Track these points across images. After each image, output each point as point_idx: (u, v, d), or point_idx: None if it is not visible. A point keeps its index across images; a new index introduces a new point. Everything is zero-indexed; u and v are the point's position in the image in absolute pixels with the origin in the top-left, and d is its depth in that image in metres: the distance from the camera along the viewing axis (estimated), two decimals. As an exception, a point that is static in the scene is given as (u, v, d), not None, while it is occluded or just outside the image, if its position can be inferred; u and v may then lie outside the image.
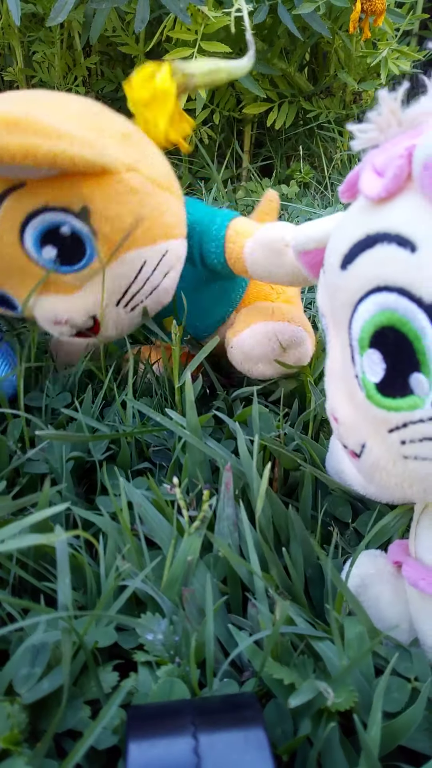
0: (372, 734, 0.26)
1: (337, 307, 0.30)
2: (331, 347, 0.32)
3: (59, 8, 0.81)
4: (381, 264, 0.26)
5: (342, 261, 0.29)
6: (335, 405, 0.31)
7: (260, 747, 0.24)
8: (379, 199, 0.27)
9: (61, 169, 0.38)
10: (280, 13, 1.04)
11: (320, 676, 0.29)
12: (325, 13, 1.07)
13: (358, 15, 1.03)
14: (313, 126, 1.40)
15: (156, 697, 0.28)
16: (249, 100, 1.31)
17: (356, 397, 0.29)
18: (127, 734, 0.24)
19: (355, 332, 0.28)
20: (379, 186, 0.27)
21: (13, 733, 0.25)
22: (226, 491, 0.38)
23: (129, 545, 0.35)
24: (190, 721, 0.25)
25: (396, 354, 0.26)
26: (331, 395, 0.31)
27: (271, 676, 0.28)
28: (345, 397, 0.30)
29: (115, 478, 0.43)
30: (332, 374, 0.31)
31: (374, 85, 1.28)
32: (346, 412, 0.30)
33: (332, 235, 0.31)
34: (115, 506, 0.35)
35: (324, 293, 0.32)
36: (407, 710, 0.28)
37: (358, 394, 0.29)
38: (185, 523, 0.36)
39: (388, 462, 0.28)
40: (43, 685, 0.27)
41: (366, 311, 0.27)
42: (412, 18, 1.21)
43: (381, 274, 0.26)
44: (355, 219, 0.29)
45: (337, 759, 0.27)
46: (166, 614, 0.32)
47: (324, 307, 0.32)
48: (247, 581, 0.34)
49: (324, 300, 0.32)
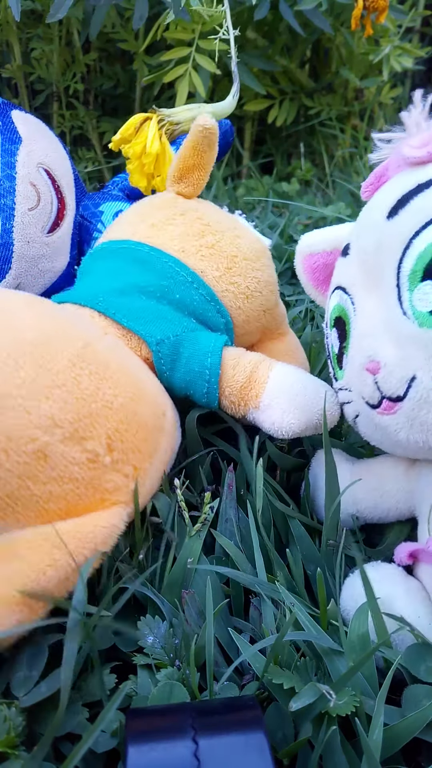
0: (374, 738, 0.26)
1: (379, 257, 0.33)
2: (361, 310, 0.34)
3: (59, 5, 0.81)
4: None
5: (389, 212, 0.32)
6: (376, 350, 0.32)
7: (261, 750, 0.24)
8: (429, 158, 0.32)
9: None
10: (281, 9, 1.03)
11: (322, 679, 0.29)
12: (327, 9, 1.06)
13: (360, 12, 1.02)
14: (315, 123, 1.39)
15: (155, 700, 0.28)
16: (250, 97, 1.30)
17: (403, 334, 0.31)
18: (126, 737, 0.24)
19: (406, 269, 0.31)
20: (425, 150, 0.32)
21: (10, 736, 0.25)
22: (228, 492, 0.38)
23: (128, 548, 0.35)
24: (189, 724, 0.25)
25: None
26: (367, 348, 0.33)
27: (271, 681, 0.28)
28: (388, 341, 0.32)
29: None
30: (366, 331, 0.33)
31: (376, 82, 1.27)
32: (390, 352, 0.32)
33: (365, 209, 0.36)
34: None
35: (352, 263, 0.36)
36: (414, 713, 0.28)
37: (406, 329, 0.31)
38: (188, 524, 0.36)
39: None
40: (41, 689, 0.27)
41: (423, 241, 0.30)
42: (415, 15, 1.21)
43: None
44: (397, 182, 0.34)
45: (338, 762, 0.27)
46: (166, 617, 0.32)
47: (350, 279, 0.36)
48: (248, 583, 0.34)
49: (351, 272, 0.36)
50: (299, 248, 0.44)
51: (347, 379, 0.36)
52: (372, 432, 0.36)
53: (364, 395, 0.33)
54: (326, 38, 1.28)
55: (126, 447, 0.33)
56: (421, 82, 1.64)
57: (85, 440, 0.31)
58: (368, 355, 0.32)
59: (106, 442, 0.32)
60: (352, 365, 0.34)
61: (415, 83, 1.62)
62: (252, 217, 1.09)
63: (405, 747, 0.28)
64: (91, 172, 1.15)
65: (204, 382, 0.39)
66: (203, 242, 0.42)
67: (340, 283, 0.37)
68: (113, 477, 0.32)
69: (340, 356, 0.37)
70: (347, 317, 0.36)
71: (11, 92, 1.15)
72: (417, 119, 0.33)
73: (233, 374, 0.39)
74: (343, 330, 0.36)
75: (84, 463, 0.31)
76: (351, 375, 0.35)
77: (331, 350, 0.38)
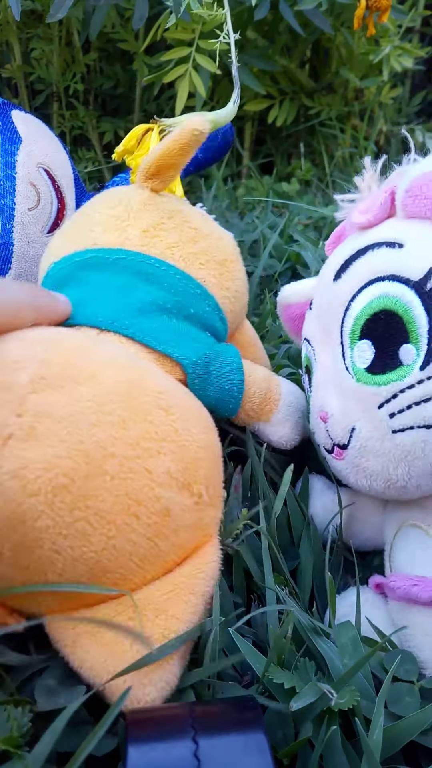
0: (374, 737, 0.26)
1: (329, 315, 0.36)
2: (318, 362, 0.38)
3: (59, 5, 0.81)
4: (373, 262, 0.33)
5: (335, 274, 0.36)
6: (325, 402, 0.35)
7: (261, 751, 0.24)
8: (369, 225, 0.35)
9: None
10: (281, 9, 1.03)
11: (321, 679, 0.29)
12: (327, 9, 1.06)
13: (362, 11, 1.02)
14: (315, 123, 1.39)
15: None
16: (249, 97, 1.30)
17: (345, 387, 0.34)
18: (126, 738, 0.24)
19: (347, 328, 0.34)
20: (370, 215, 0.35)
21: (13, 735, 0.25)
22: (234, 493, 0.38)
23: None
24: (189, 724, 0.25)
25: (385, 335, 0.32)
26: (320, 398, 0.36)
27: (272, 680, 0.28)
28: (334, 393, 0.35)
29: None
30: (320, 382, 0.37)
31: (376, 82, 1.27)
32: (335, 404, 0.34)
33: (323, 267, 0.39)
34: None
35: (313, 318, 0.39)
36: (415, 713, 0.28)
37: (346, 383, 0.34)
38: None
39: (377, 441, 0.32)
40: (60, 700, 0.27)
41: (359, 304, 0.33)
42: (415, 15, 1.21)
43: (373, 270, 0.33)
44: (345, 246, 0.37)
45: (339, 762, 0.27)
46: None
47: (312, 332, 0.39)
48: (258, 578, 0.34)
49: (312, 326, 0.39)
50: (279, 298, 0.49)
51: (312, 424, 0.39)
52: (334, 472, 0.38)
53: (319, 441, 0.37)
54: (326, 38, 1.28)
55: (215, 480, 0.33)
56: (420, 82, 1.64)
57: (191, 485, 0.31)
58: (320, 405, 0.36)
59: (204, 482, 0.32)
60: (312, 413, 0.38)
61: (415, 83, 1.62)
62: (252, 217, 1.09)
63: (405, 747, 0.28)
64: (91, 172, 1.15)
65: (232, 398, 0.40)
66: (197, 249, 0.41)
67: (306, 335, 0.40)
68: (210, 512, 0.33)
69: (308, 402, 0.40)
70: (312, 367, 0.39)
71: (11, 92, 1.15)
72: (368, 183, 0.37)
73: (253, 391, 0.41)
74: (309, 377, 0.40)
75: (192, 507, 0.31)
76: (312, 422, 0.38)
77: (307, 395, 0.41)
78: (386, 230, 0.34)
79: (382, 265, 0.32)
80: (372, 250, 0.34)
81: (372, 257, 0.33)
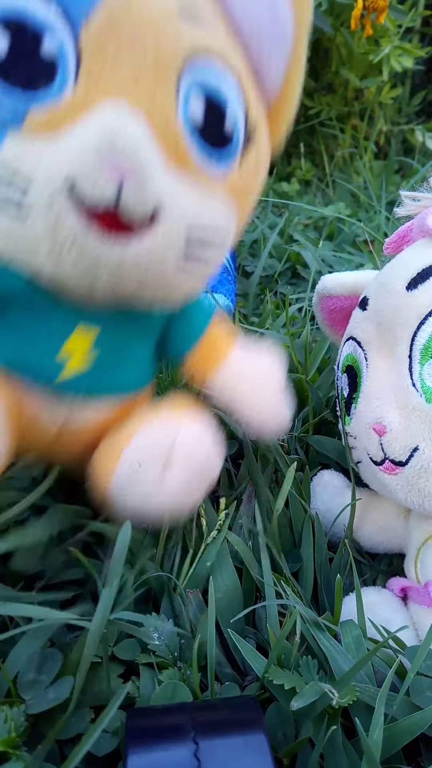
0: (374, 737, 0.26)
1: (395, 325, 0.34)
2: (372, 369, 0.35)
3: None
4: None
5: (409, 283, 0.33)
6: (384, 414, 0.33)
7: (261, 751, 0.24)
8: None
9: None
10: (281, 10, 1.03)
11: (323, 678, 0.29)
12: (327, 9, 1.06)
13: (360, 12, 1.03)
14: (315, 123, 1.39)
15: (158, 700, 0.28)
16: (250, 97, 1.30)
17: (410, 405, 0.32)
18: (126, 737, 0.24)
19: (419, 343, 0.32)
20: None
21: (11, 736, 0.25)
22: (247, 503, 0.38)
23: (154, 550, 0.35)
24: (190, 724, 0.25)
25: None
26: (375, 409, 0.34)
27: (272, 681, 0.28)
28: (395, 408, 0.33)
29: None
30: (375, 392, 0.35)
31: (376, 82, 1.27)
32: (396, 419, 0.33)
33: (387, 270, 0.36)
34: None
35: (368, 321, 0.37)
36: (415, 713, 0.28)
37: (413, 400, 0.32)
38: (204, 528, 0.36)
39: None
40: (50, 695, 0.27)
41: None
42: (415, 15, 1.21)
43: None
44: (419, 252, 0.34)
45: (339, 762, 0.27)
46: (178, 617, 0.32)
47: (365, 335, 0.37)
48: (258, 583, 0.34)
49: (366, 329, 0.37)
50: (318, 288, 0.46)
51: (354, 429, 0.37)
52: (373, 481, 0.37)
53: (368, 451, 0.35)
54: (326, 38, 1.28)
55: None
56: (421, 82, 1.64)
57: None
58: (376, 416, 0.34)
59: None
60: (360, 420, 0.36)
61: (415, 83, 1.62)
62: (252, 216, 1.09)
63: (405, 746, 0.28)
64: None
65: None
66: None
67: (355, 335, 0.38)
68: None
69: (349, 403, 0.38)
70: (359, 369, 0.37)
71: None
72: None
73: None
74: (354, 381, 0.38)
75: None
76: (358, 428, 0.36)
77: (341, 393, 0.40)
78: None
79: None
80: None
81: None
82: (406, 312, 0.33)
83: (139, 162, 0.25)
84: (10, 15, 0.24)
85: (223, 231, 0.31)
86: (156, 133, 0.26)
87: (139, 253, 0.27)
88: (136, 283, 0.28)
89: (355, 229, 0.94)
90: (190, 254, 0.29)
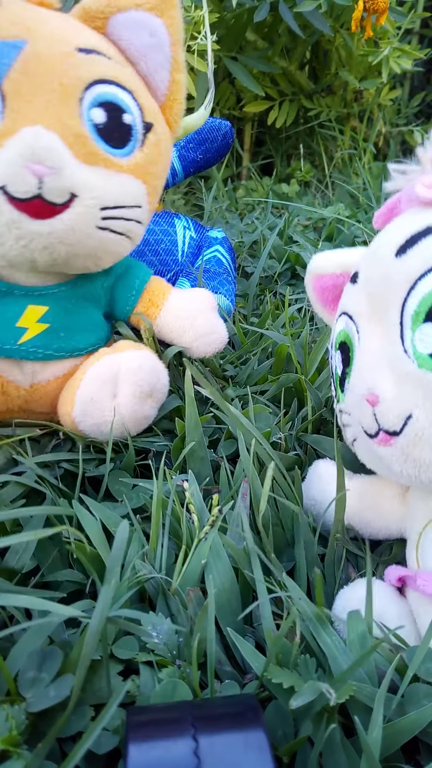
0: (374, 736, 0.26)
1: (385, 292, 0.33)
2: (364, 341, 0.35)
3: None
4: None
5: (398, 249, 0.33)
6: (376, 385, 0.33)
7: (260, 748, 0.24)
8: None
9: None
10: (281, 11, 1.03)
11: (322, 677, 0.29)
12: (326, 11, 1.07)
13: (360, 13, 1.03)
14: (314, 124, 1.39)
15: (158, 698, 0.28)
16: (249, 99, 1.30)
17: (403, 372, 0.31)
18: (126, 736, 0.24)
19: (410, 308, 0.32)
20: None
21: (12, 734, 0.25)
22: (242, 500, 0.38)
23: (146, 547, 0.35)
24: (190, 722, 0.25)
25: None
26: (368, 380, 0.34)
27: (271, 680, 0.28)
28: (388, 377, 0.32)
29: (123, 483, 0.43)
30: (367, 363, 0.34)
31: (375, 83, 1.28)
32: (389, 388, 0.32)
33: (377, 239, 0.36)
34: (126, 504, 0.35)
35: (360, 293, 0.36)
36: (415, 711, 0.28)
37: (405, 367, 0.31)
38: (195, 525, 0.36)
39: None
40: (50, 693, 0.27)
41: (427, 285, 0.31)
42: (414, 16, 1.21)
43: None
44: (407, 219, 0.34)
45: (338, 760, 0.27)
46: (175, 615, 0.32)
47: (356, 308, 0.37)
48: (252, 584, 0.34)
49: (358, 301, 0.37)
50: (310, 268, 0.46)
51: (348, 404, 0.37)
52: (369, 457, 0.36)
53: (362, 424, 0.34)
54: (326, 40, 1.29)
55: None
56: (420, 83, 1.64)
57: None
58: (368, 386, 0.33)
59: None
60: (353, 393, 0.35)
61: (414, 85, 1.62)
62: (252, 218, 1.09)
63: (405, 745, 0.28)
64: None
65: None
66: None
67: (347, 310, 0.38)
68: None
69: (343, 380, 0.38)
70: (351, 344, 0.37)
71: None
72: (431, 156, 0.34)
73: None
74: (347, 355, 0.37)
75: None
76: (351, 402, 0.36)
77: (335, 372, 0.39)
78: None
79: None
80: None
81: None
82: (396, 278, 0.32)
83: (53, 161, 0.35)
84: None
85: (132, 198, 0.40)
86: (67, 140, 0.36)
87: (64, 226, 0.37)
88: (66, 249, 0.38)
89: (354, 230, 0.94)
90: (107, 223, 0.39)
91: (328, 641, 0.30)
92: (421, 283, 0.31)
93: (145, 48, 0.40)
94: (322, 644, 0.30)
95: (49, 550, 0.36)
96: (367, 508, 0.40)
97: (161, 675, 0.29)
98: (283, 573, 0.35)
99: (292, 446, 0.48)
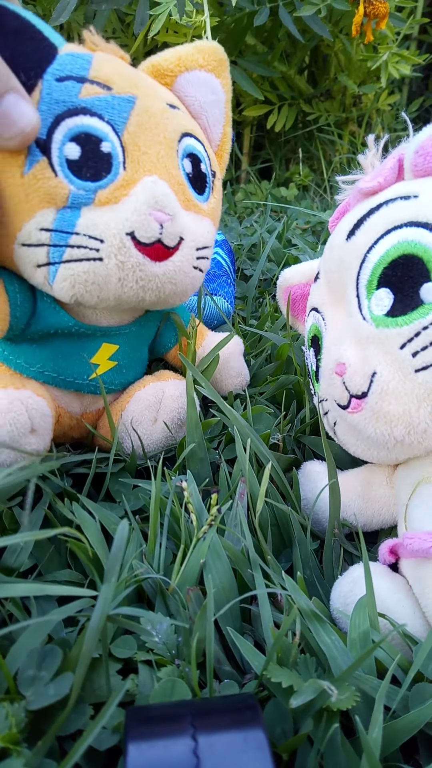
0: (374, 735, 0.26)
1: (341, 273, 0.37)
2: (329, 325, 0.39)
3: (61, 9, 0.82)
4: (389, 214, 0.34)
5: (347, 234, 0.37)
6: (342, 354, 0.36)
7: (260, 748, 0.24)
8: (379, 188, 0.36)
9: None
10: (281, 16, 1.04)
11: (322, 675, 0.29)
12: (326, 16, 1.07)
13: (360, 18, 1.04)
14: (313, 129, 1.40)
15: (157, 697, 0.28)
16: (249, 103, 1.31)
17: (363, 336, 0.34)
18: (126, 735, 0.24)
19: (363, 279, 0.35)
20: (380, 178, 0.36)
21: (12, 732, 0.25)
22: (239, 500, 0.38)
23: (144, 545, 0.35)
24: (189, 722, 0.25)
25: (404, 279, 0.33)
26: (334, 354, 0.37)
27: (270, 679, 0.28)
28: (351, 345, 0.35)
29: (122, 484, 0.43)
30: (332, 342, 0.38)
31: (374, 88, 1.28)
32: (353, 354, 0.35)
33: (331, 237, 0.40)
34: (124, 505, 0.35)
35: (321, 286, 0.40)
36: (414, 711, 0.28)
37: (365, 331, 0.34)
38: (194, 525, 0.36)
39: (399, 382, 0.32)
40: (50, 691, 0.27)
41: (376, 254, 0.34)
42: (413, 22, 1.22)
43: (390, 220, 0.34)
44: (354, 211, 0.38)
45: (338, 760, 0.27)
46: (173, 615, 0.32)
47: (320, 300, 0.40)
48: (250, 584, 0.34)
49: (320, 293, 0.40)
50: (279, 282, 0.50)
51: (323, 388, 0.39)
52: (349, 436, 0.38)
53: (335, 398, 0.37)
54: (325, 45, 1.29)
55: None
56: (418, 88, 1.65)
57: None
58: (335, 359, 0.36)
59: None
60: (325, 373, 0.38)
61: (413, 90, 1.63)
62: (251, 221, 1.09)
63: (404, 745, 0.28)
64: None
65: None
66: None
67: (314, 305, 0.41)
68: None
69: (317, 371, 0.40)
70: (320, 333, 0.40)
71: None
72: (371, 160, 0.39)
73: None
74: (317, 345, 0.40)
75: None
76: (324, 383, 0.38)
77: (311, 369, 0.42)
78: (398, 188, 0.35)
79: (398, 214, 0.34)
80: (387, 205, 0.35)
81: (387, 210, 0.34)
82: (348, 258, 0.36)
83: (171, 209, 0.38)
84: (80, 131, 0.36)
85: (210, 242, 0.44)
86: (173, 188, 0.39)
87: (174, 267, 0.40)
88: (171, 288, 0.41)
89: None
90: (198, 262, 0.43)
91: (328, 641, 0.30)
92: (369, 255, 0.34)
93: (207, 104, 0.45)
94: (322, 644, 0.30)
95: (46, 548, 0.36)
96: (356, 498, 0.40)
97: (160, 674, 0.29)
98: (282, 572, 0.35)
99: (291, 448, 0.48)
